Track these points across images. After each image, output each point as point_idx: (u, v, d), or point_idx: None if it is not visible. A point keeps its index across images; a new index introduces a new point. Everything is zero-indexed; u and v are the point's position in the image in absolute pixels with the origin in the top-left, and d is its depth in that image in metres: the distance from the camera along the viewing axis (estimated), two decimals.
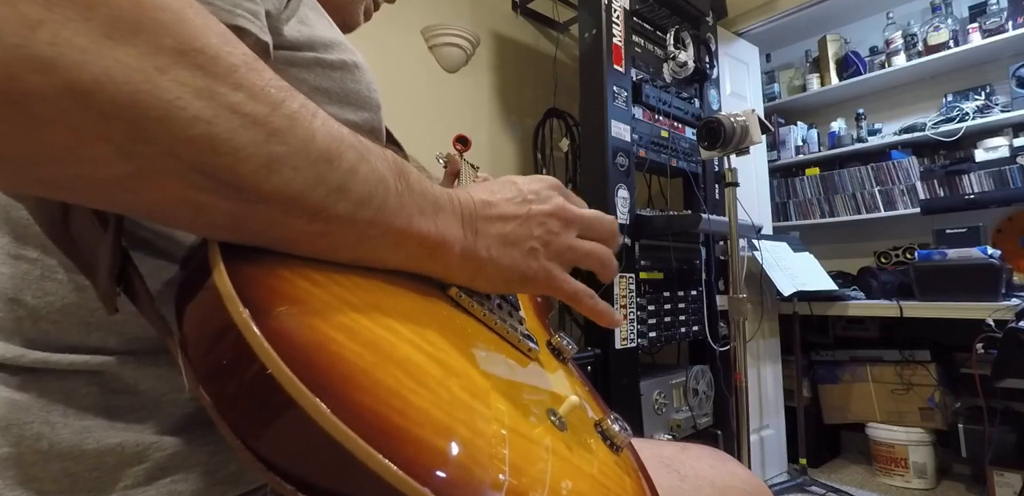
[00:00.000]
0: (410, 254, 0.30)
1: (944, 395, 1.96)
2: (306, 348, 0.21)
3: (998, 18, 2.03)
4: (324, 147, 0.25)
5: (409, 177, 0.30)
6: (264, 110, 0.23)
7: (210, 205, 0.22)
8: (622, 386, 1.45)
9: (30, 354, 0.30)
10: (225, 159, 0.21)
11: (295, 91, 0.25)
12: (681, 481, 0.50)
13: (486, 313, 0.36)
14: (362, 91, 0.42)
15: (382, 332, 0.25)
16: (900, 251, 2.29)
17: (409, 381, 0.23)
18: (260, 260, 0.25)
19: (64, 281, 0.31)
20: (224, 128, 0.21)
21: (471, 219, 0.34)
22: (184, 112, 0.20)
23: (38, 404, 0.29)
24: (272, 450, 0.20)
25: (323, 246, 0.26)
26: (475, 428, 0.24)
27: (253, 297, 0.22)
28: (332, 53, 0.40)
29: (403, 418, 0.21)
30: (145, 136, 0.20)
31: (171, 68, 0.20)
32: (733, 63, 2.24)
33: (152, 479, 0.30)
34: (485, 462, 0.23)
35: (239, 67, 0.22)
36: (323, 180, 0.25)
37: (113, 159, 0.20)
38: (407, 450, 0.20)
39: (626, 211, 1.55)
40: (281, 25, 0.36)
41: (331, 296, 0.25)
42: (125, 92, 0.19)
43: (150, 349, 0.32)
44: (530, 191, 0.38)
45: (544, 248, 0.36)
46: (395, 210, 0.28)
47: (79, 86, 0.18)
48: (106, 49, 0.19)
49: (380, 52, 1.67)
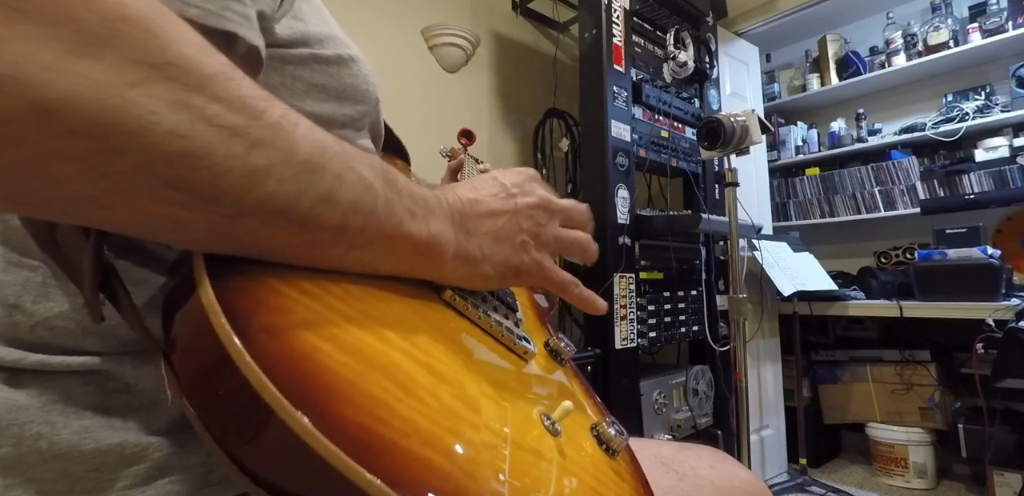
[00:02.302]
0: (402, 259, 0.30)
1: (944, 395, 1.96)
2: (289, 360, 0.21)
3: (998, 18, 2.03)
4: (307, 157, 0.24)
5: (397, 182, 0.30)
6: (243, 121, 0.22)
7: (189, 220, 0.22)
8: (622, 386, 1.45)
9: (30, 356, 0.29)
10: (203, 174, 0.21)
11: (276, 100, 0.24)
12: (680, 481, 0.50)
13: (481, 316, 0.36)
14: (360, 85, 0.42)
15: (371, 340, 0.25)
16: (900, 251, 2.29)
17: (397, 390, 0.23)
18: (247, 269, 0.24)
19: (61, 288, 0.31)
20: (201, 142, 0.21)
21: (461, 219, 0.33)
22: (158, 127, 0.20)
23: (37, 404, 0.29)
24: (256, 463, 0.20)
25: (312, 256, 0.26)
26: (464, 437, 0.24)
27: (237, 308, 0.21)
28: (327, 48, 0.39)
29: (389, 430, 0.21)
30: (116, 153, 0.19)
31: (142, 82, 0.20)
32: (733, 63, 2.24)
33: (150, 479, 0.30)
34: (474, 472, 0.22)
35: (215, 78, 0.22)
36: (308, 190, 0.24)
37: (83, 177, 0.19)
38: (393, 464, 0.20)
39: (626, 211, 1.55)
40: (274, 24, 0.35)
41: (319, 305, 0.25)
42: (93, 108, 0.18)
43: (147, 350, 0.32)
44: (513, 184, 0.38)
45: (533, 240, 0.37)
46: (384, 216, 0.28)
47: (43, 104, 0.18)
48: (72, 65, 0.18)
49: (380, 52, 1.67)
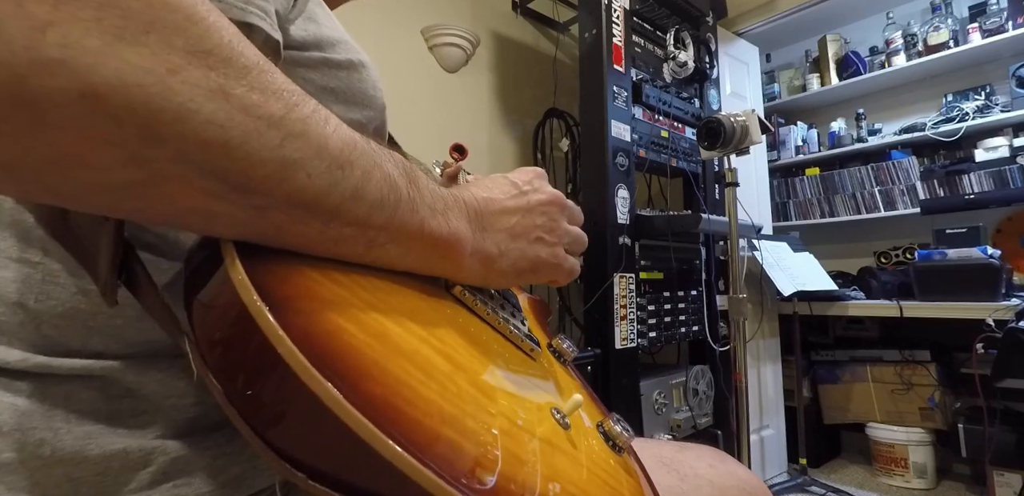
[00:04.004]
0: (422, 256, 0.30)
1: (944, 395, 1.96)
2: (319, 337, 0.21)
3: (998, 18, 2.03)
4: (338, 152, 0.24)
5: (418, 180, 0.30)
6: (279, 113, 0.22)
7: (220, 210, 0.22)
8: (622, 386, 1.45)
9: (33, 358, 0.29)
10: (238, 164, 0.21)
11: (306, 95, 0.24)
12: (680, 481, 0.50)
13: (489, 312, 0.36)
14: (368, 90, 0.42)
15: (392, 325, 0.25)
16: (900, 251, 2.29)
17: (418, 373, 0.23)
18: (274, 252, 0.24)
19: (66, 285, 0.31)
20: (238, 132, 0.20)
21: (478, 217, 0.34)
22: (197, 115, 0.19)
23: (40, 409, 0.29)
24: (283, 438, 0.20)
25: (336, 250, 0.26)
26: (483, 421, 0.24)
27: (266, 286, 0.21)
28: (339, 52, 0.39)
29: (413, 408, 0.21)
30: (157, 140, 0.19)
31: (183, 69, 0.19)
32: (733, 63, 2.24)
33: (156, 483, 0.30)
34: (493, 454, 0.23)
35: (252, 69, 0.22)
36: (337, 186, 0.24)
37: (122, 164, 0.19)
38: (419, 440, 0.20)
39: (626, 211, 1.55)
40: (288, 25, 0.35)
41: (342, 288, 0.25)
42: (137, 95, 0.18)
43: (151, 353, 0.32)
44: (523, 182, 0.39)
45: (548, 235, 0.38)
46: (407, 213, 0.28)
47: (91, 90, 0.18)
48: (117, 50, 0.18)
49: (380, 52, 1.67)
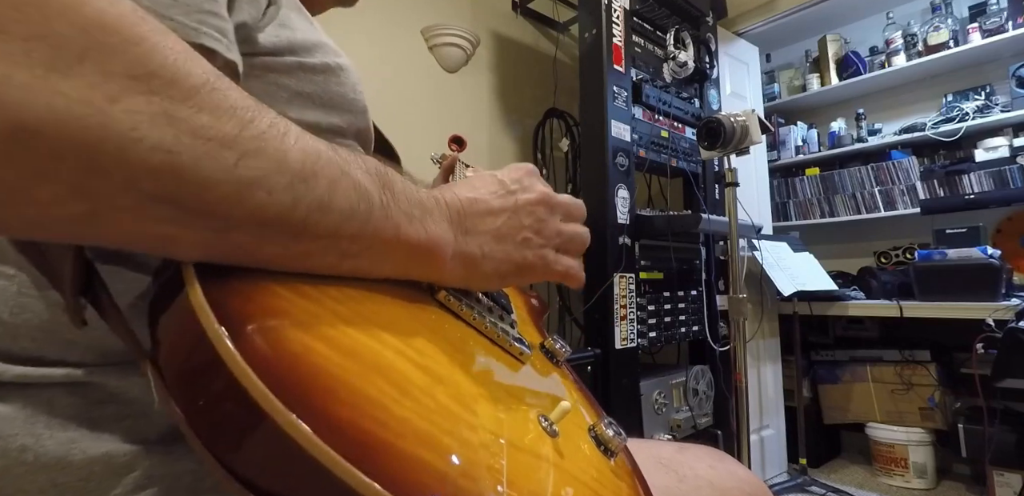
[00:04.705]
0: (399, 263, 0.30)
1: (944, 395, 1.96)
2: (282, 361, 0.20)
3: (998, 18, 2.03)
4: (299, 165, 0.24)
5: (394, 185, 0.29)
6: (231, 132, 0.21)
7: (178, 235, 0.21)
8: (622, 386, 1.45)
9: (12, 369, 0.29)
10: (191, 188, 0.20)
11: (264, 108, 0.24)
12: (680, 481, 0.50)
13: (476, 317, 0.35)
14: (347, 94, 0.41)
15: (366, 340, 0.24)
16: (900, 251, 2.29)
17: (392, 391, 0.22)
18: (238, 270, 0.24)
19: (40, 298, 0.30)
20: (188, 156, 0.20)
21: (460, 218, 0.33)
22: (141, 143, 0.19)
23: (21, 416, 0.28)
24: (247, 467, 0.20)
25: (308, 264, 0.26)
26: (461, 438, 0.23)
27: (228, 309, 0.21)
28: (314, 56, 0.39)
29: (385, 430, 0.20)
30: (100, 172, 0.19)
31: (123, 96, 0.19)
32: (733, 63, 2.24)
33: (141, 488, 0.30)
34: (472, 473, 0.22)
35: (200, 88, 0.21)
36: (301, 199, 0.24)
37: (66, 198, 0.19)
38: (389, 466, 0.19)
39: (626, 211, 1.55)
40: (256, 33, 0.35)
41: (311, 303, 0.25)
42: (73, 128, 0.18)
43: (132, 359, 0.32)
44: (512, 180, 0.38)
45: (536, 236, 0.37)
46: (381, 221, 0.27)
47: (22, 125, 0.17)
48: (50, 83, 0.17)
49: (380, 52, 1.67)
